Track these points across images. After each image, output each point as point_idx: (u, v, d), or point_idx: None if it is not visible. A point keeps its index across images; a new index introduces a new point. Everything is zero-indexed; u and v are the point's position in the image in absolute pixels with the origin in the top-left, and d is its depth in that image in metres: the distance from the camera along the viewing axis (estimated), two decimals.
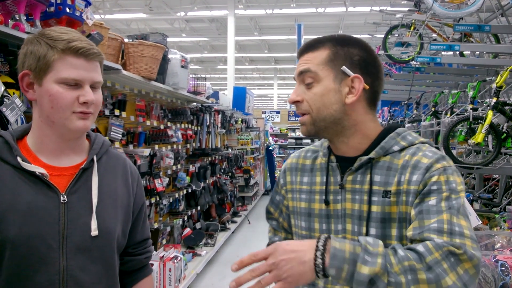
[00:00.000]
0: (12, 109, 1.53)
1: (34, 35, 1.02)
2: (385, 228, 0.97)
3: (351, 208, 1.02)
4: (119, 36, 3.05)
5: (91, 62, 1.02)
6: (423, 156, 0.96)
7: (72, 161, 1.07)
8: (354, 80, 1.00)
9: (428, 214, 0.89)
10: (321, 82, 1.01)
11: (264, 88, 27.70)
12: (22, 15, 1.87)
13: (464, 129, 3.15)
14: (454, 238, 0.83)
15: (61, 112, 0.99)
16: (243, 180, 8.31)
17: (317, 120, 1.02)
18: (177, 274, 3.69)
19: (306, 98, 1.03)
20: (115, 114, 3.12)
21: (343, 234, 1.03)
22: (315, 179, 1.11)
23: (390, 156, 1.00)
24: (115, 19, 13.13)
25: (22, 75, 1.00)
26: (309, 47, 1.05)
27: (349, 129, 1.03)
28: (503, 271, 1.39)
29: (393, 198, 0.96)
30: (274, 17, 13.21)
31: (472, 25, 3.59)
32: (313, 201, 1.10)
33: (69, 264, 0.99)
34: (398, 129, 1.04)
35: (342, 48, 1.02)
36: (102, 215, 1.06)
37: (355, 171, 1.02)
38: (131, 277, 1.22)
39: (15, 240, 0.94)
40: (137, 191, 1.21)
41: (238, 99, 8.77)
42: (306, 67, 1.02)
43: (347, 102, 1.00)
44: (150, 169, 3.70)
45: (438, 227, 0.85)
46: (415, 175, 0.94)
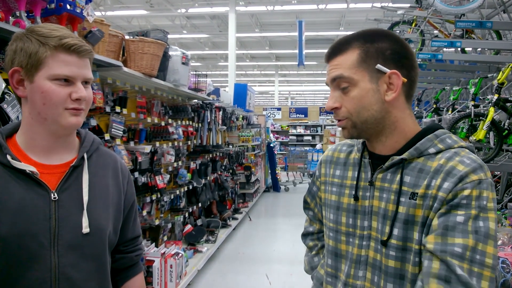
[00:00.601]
0: (13, 106, 1.54)
1: (23, 32, 1.01)
2: (407, 230, 0.95)
3: (378, 206, 1.01)
4: (120, 33, 3.05)
5: (83, 59, 1.02)
6: (460, 163, 0.91)
7: (63, 159, 1.06)
8: (391, 76, 0.97)
9: (453, 231, 0.87)
10: (357, 85, 0.98)
11: (265, 85, 27.66)
12: (22, 12, 1.87)
13: (466, 126, 3.15)
14: (473, 267, 0.85)
15: (53, 109, 0.98)
16: (244, 177, 8.31)
17: (358, 123, 1.00)
18: (178, 270, 3.70)
19: (344, 103, 1.00)
20: (116, 111, 3.12)
21: (368, 231, 1.03)
22: (347, 173, 1.11)
23: (424, 158, 0.97)
24: (115, 15, 13.11)
25: (12, 71, 0.99)
26: (336, 51, 1.01)
27: (389, 127, 1.00)
28: (504, 268, 1.39)
29: (419, 201, 0.94)
30: (275, 14, 13.18)
31: (473, 21, 3.58)
32: (342, 194, 1.10)
33: (60, 261, 0.99)
34: (438, 130, 1.00)
35: (371, 45, 0.98)
36: (93, 212, 1.06)
37: (385, 170, 1.01)
38: (122, 274, 1.22)
39: (6, 238, 0.94)
40: (128, 189, 1.21)
41: (239, 96, 8.76)
42: (338, 73, 0.99)
43: (387, 99, 0.98)
44: (151, 166, 3.71)
45: (461, 253, 0.85)
46: (447, 182, 0.90)
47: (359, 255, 1.04)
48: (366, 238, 1.03)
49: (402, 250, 0.95)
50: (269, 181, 10.82)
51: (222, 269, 4.76)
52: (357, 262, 1.04)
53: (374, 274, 1.01)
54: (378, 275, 1.00)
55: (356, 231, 1.05)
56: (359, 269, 1.03)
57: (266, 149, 10.67)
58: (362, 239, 1.04)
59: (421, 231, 0.94)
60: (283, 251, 5.41)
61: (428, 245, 0.90)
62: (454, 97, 4.31)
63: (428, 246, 0.90)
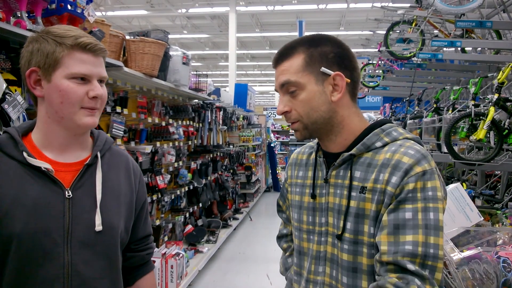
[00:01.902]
0: (14, 106, 1.54)
1: (38, 34, 1.03)
2: (358, 224, 0.99)
3: (333, 202, 1.05)
4: (121, 33, 3.05)
5: (98, 57, 1.04)
6: (404, 155, 0.95)
7: (77, 157, 1.08)
8: (335, 77, 1.01)
9: (404, 229, 0.90)
10: (305, 89, 1.01)
11: (265, 84, 27.65)
12: (23, 12, 1.87)
13: (466, 125, 3.14)
14: (426, 261, 0.88)
15: (71, 107, 1.00)
16: (245, 177, 8.31)
17: (308, 124, 1.04)
18: (179, 271, 3.70)
19: (293, 107, 1.04)
20: (116, 111, 3.13)
21: (326, 227, 1.06)
22: (307, 173, 1.16)
23: (372, 153, 1.01)
24: (116, 16, 13.12)
25: (30, 72, 1.01)
26: (282, 56, 1.05)
27: (337, 126, 1.05)
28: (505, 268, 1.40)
29: (368, 194, 0.98)
30: (275, 14, 13.19)
31: (473, 21, 3.58)
32: (304, 194, 1.14)
33: (73, 259, 1.00)
34: (385, 125, 1.04)
35: (315, 49, 1.02)
36: (106, 210, 1.07)
37: (338, 167, 1.05)
38: (134, 273, 1.23)
39: (20, 235, 0.95)
40: (139, 188, 1.22)
41: (240, 96, 8.77)
42: (286, 78, 1.02)
43: (333, 100, 1.02)
44: (151, 166, 3.71)
45: (413, 251, 0.88)
46: (395, 176, 0.94)
47: (319, 251, 1.07)
48: (324, 234, 1.07)
49: (354, 243, 0.99)
50: (270, 181, 10.82)
51: (223, 269, 4.76)
52: (317, 258, 1.08)
53: (333, 269, 1.04)
54: (336, 269, 1.03)
55: (315, 228, 1.09)
56: (319, 264, 1.07)
57: (267, 149, 10.67)
58: (321, 235, 1.07)
59: (373, 225, 0.97)
60: None
61: (382, 247, 0.92)
62: (455, 96, 4.30)
63: (382, 248, 0.92)
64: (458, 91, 4.34)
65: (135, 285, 1.24)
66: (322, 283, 1.05)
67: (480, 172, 4.00)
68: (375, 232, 0.96)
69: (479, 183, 4.00)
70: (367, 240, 0.97)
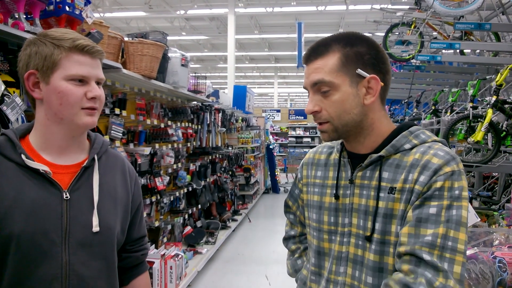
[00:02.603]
0: (12, 108, 1.54)
1: (36, 37, 1.04)
2: (386, 224, 0.98)
3: (358, 203, 1.04)
4: (119, 35, 3.05)
5: (95, 59, 1.06)
6: (434, 156, 0.95)
7: (74, 160, 1.09)
8: (370, 80, 0.99)
9: (426, 223, 0.91)
10: (339, 90, 0.99)
11: (264, 86, 27.68)
12: (21, 14, 1.88)
13: (464, 127, 3.15)
14: (445, 253, 0.88)
15: (70, 108, 1.02)
16: (244, 178, 8.31)
17: (339, 127, 1.01)
18: (178, 271, 3.70)
19: (324, 107, 1.01)
20: (115, 113, 3.13)
21: (349, 228, 1.05)
22: (328, 173, 1.14)
23: (401, 154, 1.00)
24: (114, 17, 13.13)
25: (28, 74, 1.02)
26: (316, 53, 1.01)
27: (367, 129, 1.03)
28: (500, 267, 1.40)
29: (397, 195, 0.97)
30: (274, 15, 13.19)
31: (472, 23, 3.59)
32: (324, 194, 1.12)
33: (71, 259, 1.02)
34: (412, 127, 1.03)
35: (351, 48, 0.99)
36: (103, 212, 1.08)
37: (365, 168, 1.04)
38: (128, 273, 1.25)
39: (20, 236, 0.96)
40: (135, 190, 1.24)
41: (239, 98, 8.77)
42: (319, 77, 0.99)
43: (366, 103, 1.00)
44: (150, 168, 3.71)
45: (432, 241, 0.89)
46: (423, 175, 0.94)
47: (340, 252, 1.06)
48: (346, 235, 1.06)
49: (381, 243, 0.98)
50: (269, 183, 10.82)
51: (221, 270, 4.76)
52: (338, 258, 1.07)
53: (355, 269, 1.03)
54: (360, 269, 1.02)
55: (338, 229, 1.08)
56: (340, 265, 1.06)
57: (266, 150, 10.68)
58: (343, 236, 1.06)
59: (400, 224, 0.96)
60: (283, 252, 5.39)
61: (402, 238, 0.93)
62: (453, 98, 4.32)
63: (402, 239, 0.93)
64: (456, 93, 4.35)
65: (130, 285, 1.26)
66: (343, 284, 1.05)
67: (478, 174, 4.01)
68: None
69: (477, 184, 4.01)
70: (394, 240, 0.97)
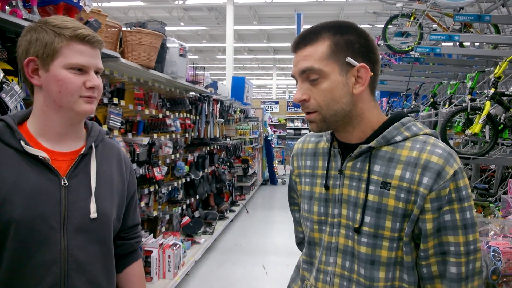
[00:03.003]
0: (11, 96, 1.54)
1: (36, 24, 1.04)
2: (380, 218, 0.98)
3: (348, 194, 1.03)
4: (117, 24, 3.04)
5: (95, 49, 1.06)
6: (432, 154, 0.95)
7: (72, 147, 1.10)
8: (360, 69, 0.97)
9: (445, 230, 0.95)
10: (328, 78, 0.96)
11: (263, 78, 27.60)
12: (19, 1, 1.86)
13: (462, 119, 3.16)
14: (470, 257, 0.95)
15: (69, 96, 1.03)
16: (242, 170, 8.34)
17: (327, 116, 0.99)
18: (176, 261, 3.73)
19: (313, 95, 0.99)
20: (113, 103, 3.12)
21: (338, 219, 1.05)
22: (317, 163, 1.13)
23: (392, 147, 0.99)
24: (112, 7, 13.01)
25: (28, 61, 1.03)
26: (306, 40, 0.99)
27: (356, 119, 1.01)
28: (494, 257, 1.42)
29: (393, 191, 0.97)
30: (273, 6, 13.12)
31: (472, 15, 3.58)
32: (314, 184, 1.12)
33: (69, 244, 1.03)
34: (404, 118, 1.02)
35: (341, 36, 0.97)
36: (100, 199, 1.10)
37: (355, 158, 1.02)
38: (122, 260, 1.27)
39: (19, 221, 0.98)
40: (130, 178, 1.26)
41: (237, 89, 8.76)
42: (309, 65, 0.97)
43: (355, 92, 0.98)
44: (149, 158, 3.71)
45: (456, 251, 0.95)
46: (426, 177, 0.94)
47: (330, 242, 1.07)
48: (336, 226, 1.06)
49: (374, 237, 0.99)
50: (266, 174, 10.85)
51: (219, 260, 4.79)
52: (328, 248, 1.07)
53: (345, 260, 1.04)
54: (350, 260, 1.03)
55: (328, 219, 1.08)
56: (330, 255, 1.07)
57: (264, 142, 10.69)
58: (333, 227, 1.06)
59: (399, 221, 0.97)
60: (280, 243, 5.45)
61: (430, 251, 0.97)
62: (452, 91, 4.32)
63: (430, 251, 0.97)
64: (455, 85, 4.36)
65: (124, 272, 1.28)
66: (333, 273, 1.06)
67: (475, 166, 4.03)
68: (400, 228, 0.97)
69: (474, 177, 4.04)
70: (389, 235, 0.97)
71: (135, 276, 1.30)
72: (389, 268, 0.99)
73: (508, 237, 1.61)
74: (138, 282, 1.31)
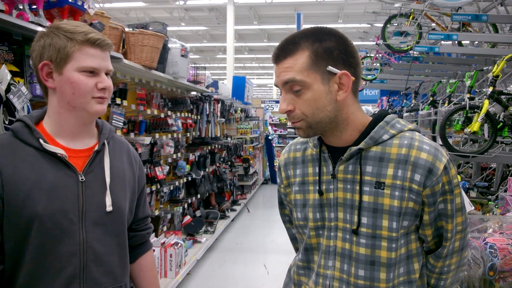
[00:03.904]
0: (19, 97, 1.58)
1: (48, 29, 1.10)
2: (376, 218, 1.00)
3: (343, 197, 1.05)
4: (120, 25, 3.07)
5: (105, 52, 1.12)
6: (421, 151, 0.98)
7: (86, 144, 1.16)
8: (341, 76, 0.98)
9: (439, 217, 1.04)
10: (310, 88, 0.98)
11: (263, 77, 27.61)
12: (26, 5, 1.90)
13: (461, 118, 3.18)
14: (462, 234, 1.08)
15: (82, 98, 1.08)
16: (243, 169, 8.36)
17: (313, 124, 1.01)
18: (178, 260, 3.76)
19: (298, 106, 1.00)
20: (116, 103, 3.15)
21: (335, 222, 1.07)
22: (307, 170, 1.14)
23: (381, 146, 1.02)
24: (113, 8, 13.06)
25: (42, 65, 1.08)
26: (285, 51, 0.99)
27: (342, 123, 1.03)
28: (491, 253, 1.45)
29: (387, 190, 0.99)
30: (273, 6, 13.15)
31: (470, 14, 3.61)
32: (307, 192, 1.13)
33: (88, 236, 1.09)
34: (387, 117, 1.05)
35: (320, 44, 0.97)
36: (115, 193, 1.16)
37: (346, 161, 1.04)
38: (135, 251, 1.33)
39: (42, 215, 1.03)
40: (139, 173, 1.32)
41: (238, 89, 8.79)
42: (290, 76, 0.97)
43: (338, 99, 1.00)
44: (151, 157, 3.75)
45: (455, 230, 1.06)
46: (417, 174, 0.98)
47: (328, 246, 1.08)
48: (333, 229, 1.07)
49: (372, 237, 1.01)
50: (267, 173, 10.88)
51: (220, 259, 4.83)
52: (327, 252, 1.09)
53: (344, 263, 1.06)
54: (348, 263, 1.05)
55: (325, 223, 1.09)
56: (328, 259, 1.08)
57: (264, 141, 10.72)
58: (330, 231, 1.08)
59: (396, 220, 1.00)
60: (281, 242, 5.47)
61: (429, 238, 1.08)
62: (451, 90, 4.35)
63: (428, 238, 1.08)
64: (454, 84, 4.38)
65: (137, 263, 1.34)
66: (332, 277, 1.07)
67: (475, 164, 4.05)
68: (397, 227, 1.00)
69: (474, 175, 4.06)
70: (387, 235, 1.00)
71: (148, 266, 1.36)
72: (390, 269, 1.01)
73: (505, 234, 1.65)
74: (151, 271, 1.37)
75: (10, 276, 1.05)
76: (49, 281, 1.05)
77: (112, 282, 1.14)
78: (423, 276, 1.10)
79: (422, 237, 1.08)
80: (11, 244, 1.03)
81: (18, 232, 1.03)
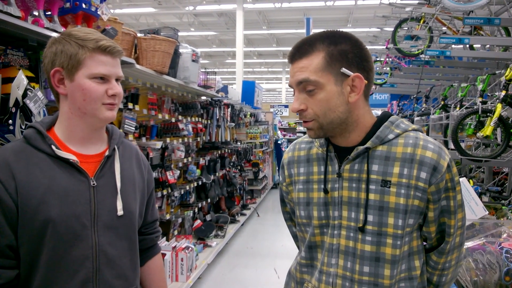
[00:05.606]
0: (35, 102, 1.61)
1: (60, 36, 1.11)
2: (383, 216, 1.02)
3: (348, 196, 1.06)
4: (132, 31, 3.11)
5: (115, 59, 1.14)
6: (426, 149, 1.01)
7: (96, 150, 1.17)
8: (354, 79, 1.01)
9: (442, 213, 1.08)
10: (323, 88, 1.00)
11: (272, 82, 27.66)
12: (41, 11, 1.93)
13: (473, 122, 3.15)
14: (462, 229, 1.12)
15: (92, 104, 1.09)
16: (252, 173, 8.37)
17: (324, 124, 1.03)
18: (189, 264, 3.77)
19: (310, 105, 1.03)
20: (128, 108, 3.19)
21: (339, 221, 1.08)
22: (312, 169, 1.15)
23: (387, 146, 1.04)
24: (124, 13, 13.21)
25: (54, 72, 1.09)
26: (300, 52, 1.03)
27: (352, 125, 1.06)
28: (507, 258, 1.44)
29: (393, 188, 1.01)
30: (282, 11, 13.17)
31: (482, 18, 3.58)
32: (311, 190, 1.14)
33: (100, 240, 1.10)
34: (391, 117, 1.08)
35: (335, 47, 1.00)
36: (125, 197, 1.17)
37: (352, 160, 1.06)
38: (144, 254, 1.34)
39: (55, 220, 1.04)
40: (148, 177, 1.33)
41: (247, 93, 8.81)
42: (305, 76, 1.00)
43: (350, 101, 1.02)
44: (162, 162, 3.78)
45: (456, 226, 1.09)
46: (423, 172, 1.00)
47: (332, 244, 1.10)
48: (337, 228, 1.09)
49: (378, 235, 1.03)
50: (277, 178, 10.86)
51: (231, 263, 4.83)
52: (330, 250, 1.10)
53: (347, 261, 1.07)
54: (352, 260, 1.06)
55: (329, 222, 1.11)
56: (332, 257, 1.10)
57: (274, 146, 10.72)
58: (334, 229, 1.09)
59: (402, 217, 1.02)
60: (291, 246, 5.43)
61: (432, 234, 1.11)
62: (462, 93, 4.31)
63: (432, 234, 1.11)
64: (466, 88, 4.34)
65: (146, 265, 1.35)
66: (335, 275, 1.08)
67: (488, 169, 4.00)
68: (403, 224, 1.02)
69: (487, 180, 4.01)
70: (393, 232, 1.02)
71: (157, 269, 1.37)
72: (394, 265, 1.03)
73: None
74: (160, 273, 1.38)
75: (25, 280, 1.06)
76: (63, 285, 1.06)
77: (124, 285, 1.16)
78: (423, 274, 1.12)
79: (425, 235, 1.11)
80: (26, 248, 1.04)
81: (33, 237, 1.04)
